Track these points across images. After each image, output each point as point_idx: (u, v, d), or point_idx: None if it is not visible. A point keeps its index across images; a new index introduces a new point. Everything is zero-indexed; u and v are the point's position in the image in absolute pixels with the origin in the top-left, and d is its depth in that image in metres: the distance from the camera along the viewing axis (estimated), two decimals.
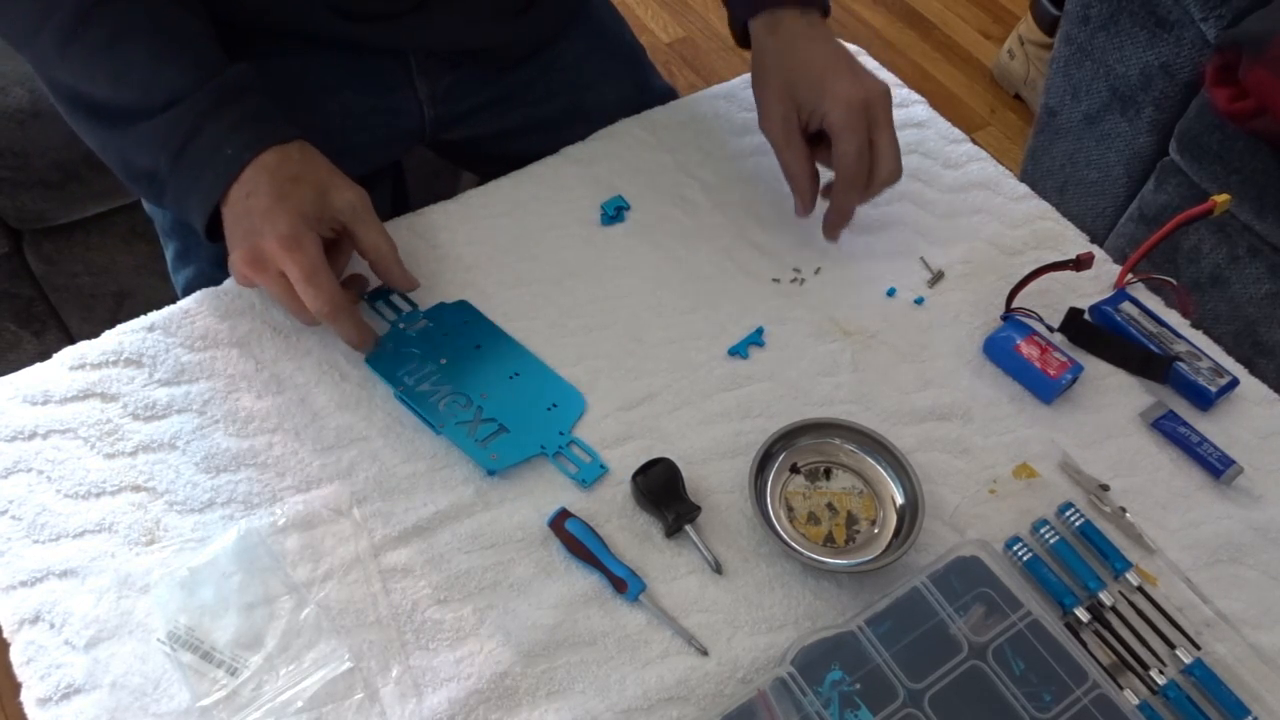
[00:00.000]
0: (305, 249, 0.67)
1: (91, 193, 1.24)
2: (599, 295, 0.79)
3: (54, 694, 0.59)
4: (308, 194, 0.69)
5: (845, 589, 0.66)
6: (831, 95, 0.76)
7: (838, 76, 0.77)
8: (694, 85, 2.11)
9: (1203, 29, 1.27)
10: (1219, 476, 0.71)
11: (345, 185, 0.71)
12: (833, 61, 0.78)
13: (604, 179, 0.87)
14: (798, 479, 0.69)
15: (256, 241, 0.67)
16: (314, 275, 0.67)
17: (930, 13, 2.33)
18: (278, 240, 0.67)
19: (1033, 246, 0.85)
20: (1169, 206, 1.38)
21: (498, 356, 0.75)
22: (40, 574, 0.63)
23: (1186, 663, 0.63)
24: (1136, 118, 1.41)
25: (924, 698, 0.58)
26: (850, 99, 0.76)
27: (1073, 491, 0.71)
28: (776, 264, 0.82)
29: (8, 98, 1.13)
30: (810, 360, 0.77)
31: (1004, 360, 0.76)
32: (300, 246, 0.67)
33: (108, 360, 0.72)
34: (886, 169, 0.78)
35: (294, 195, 0.68)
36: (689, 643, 0.63)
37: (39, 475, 0.67)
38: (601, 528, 0.67)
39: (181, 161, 0.70)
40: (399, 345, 0.74)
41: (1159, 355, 0.76)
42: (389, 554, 0.66)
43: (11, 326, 1.37)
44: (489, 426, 0.71)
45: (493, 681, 0.61)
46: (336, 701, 0.60)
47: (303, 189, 0.69)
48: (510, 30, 0.90)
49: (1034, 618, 0.61)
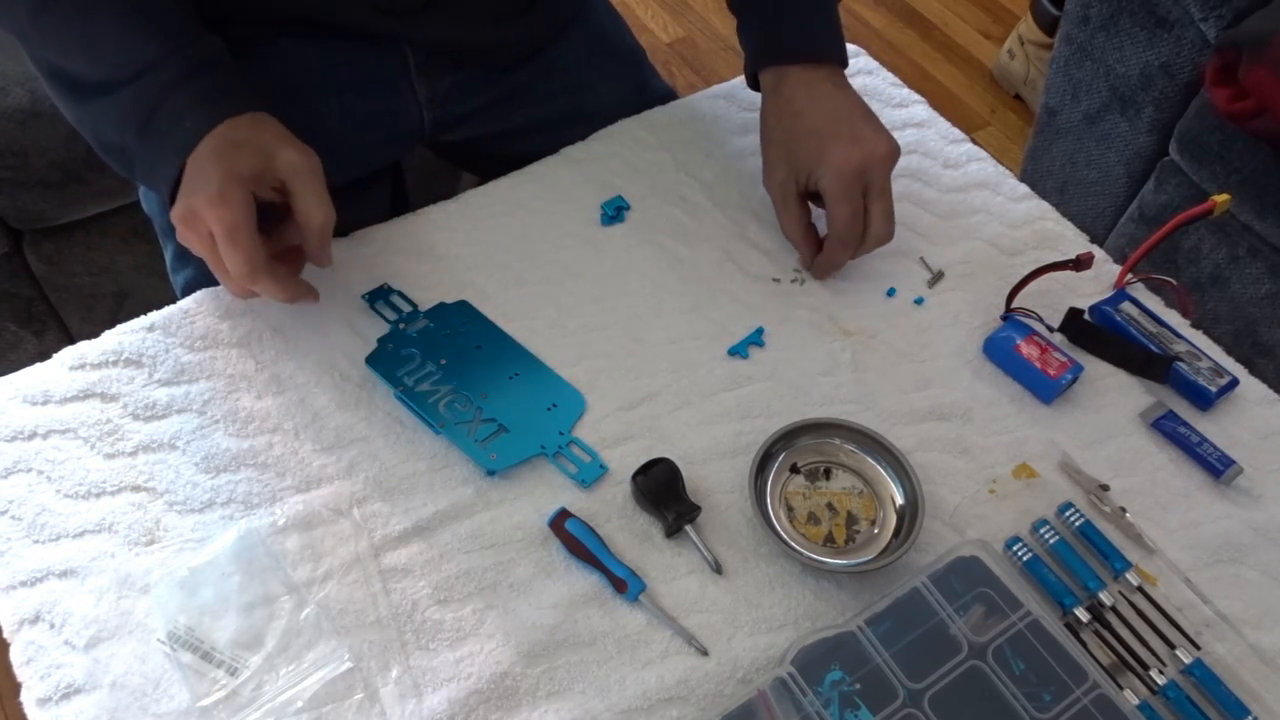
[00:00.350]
0: (230, 205, 0.65)
1: (91, 193, 1.24)
2: (599, 295, 0.79)
3: (54, 694, 0.59)
4: (247, 156, 0.67)
5: (845, 589, 0.66)
6: (826, 163, 0.76)
7: (835, 142, 0.76)
8: (694, 85, 2.11)
9: (1203, 29, 1.27)
10: (1219, 476, 0.71)
11: (292, 146, 0.69)
12: (832, 124, 0.77)
13: (604, 179, 0.87)
14: (798, 479, 0.69)
15: (189, 200, 0.66)
16: (233, 233, 0.65)
17: (930, 13, 2.33)
18: (206, 198, 0.65)
19: (1033, 246, 0.85)
20: (1169, 206, 1.38)
21: (498, 356, 0.75)
22: (40, 574, 0.63)
23: (1186, 663, 0.63)
24: (1136, 118, 1.41)
25: (924, 698, 0.58)
26: (843, 168, 0.76)
27: (1072, 491, 0.71)
28: (776, 264, 0.82)
29: (8, 98, 1.13)
30: (810, 360, 0.77)
31: (1004, 360, 0.76)
32: (225, 203, 0.65)
33: (108, 360, 0.72)
34: (876, 233, 0.78)
35: (231, 156, 0.67)
36: (689, 643, 0.63)
37: (39, 475, 0.67)
38: (601, 528, 0.67)
39: (147, 135, 0.69)
40: (399, 346, 0.74)
41: (1159, 355, 0.76)
42: (389, 554, 0.66)
43: (11, 326, 1.37)
44: (489, 427, 0.71)
45: (493, 681, 0.61)
46: (336, 701, 0.60)
47: (244, 151, 0.67)
48: (510, 30, 0.90)
49: (1034, 618, 0.61)
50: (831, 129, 0.77)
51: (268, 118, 0.70)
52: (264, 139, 0.69)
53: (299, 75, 0.83)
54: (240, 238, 0.65)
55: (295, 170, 0.68)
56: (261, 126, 0.69)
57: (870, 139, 0.77)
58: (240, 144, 0.68)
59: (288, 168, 0.68)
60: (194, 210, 0.66)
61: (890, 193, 0.78)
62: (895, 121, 0.93)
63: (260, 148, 0.68)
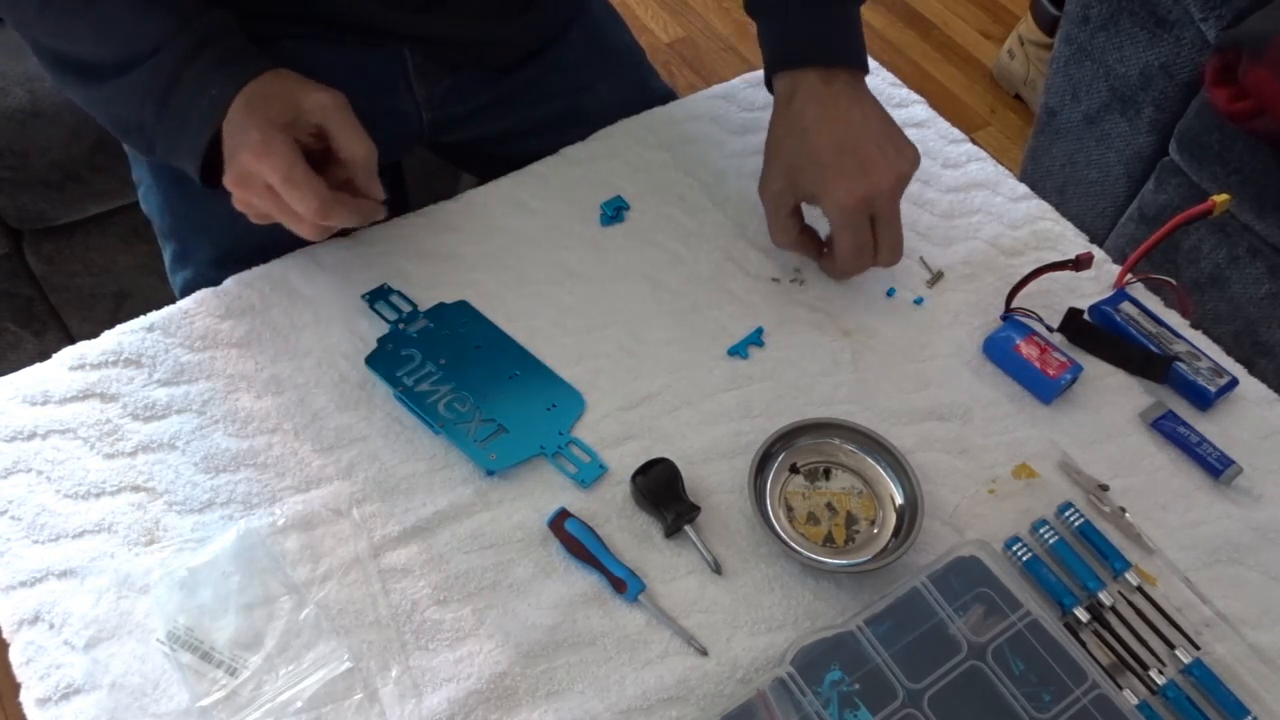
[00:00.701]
0: (276, 151, 0.65)
1: (91, 193, 1.24)
2: (599, 295, 0.79)
3: (54, 694, 0.59)
4: (277, 105, 0.68)
5: (845, 589, 0.66)
6: (830, 196, 0.74)
7: (839, 175, 0.74)
8: (694, 85, 2.11)
9: (1203, 29, 1.27)
10: (1218, 476, 0.71)
11: (316, 87, 0.69)
12: (837, 155, 0.74)
13: (604, 179, 0.87)
14: (797, 479, 0.69)
15: (236, 161, 0.66)
16: (290, 174, 0.65)
17: (930, 13, 2.33)
18: (252, 154, 0.65)
19: (1033, 247, 0.85)
20: (1169, 206, 1.38)
21: (497, 357, 0.75)
22: (40, 574, 0.63)
23: (1186, 663, 0.63)
24: (1136, 118, 1.41)
25: (923, 698, 0.58)
26: (846, 203, 0.73)
27: (1072, 491, 0.71)
28: (776, 264, 0.82)
29: (8, 98, 1.14)
30: (810, 360, 0.77)
31: (1003, 360, 0.76)
32: (272, 151, 0.65)
33: (107, 360, 0.72)
34: (885, 259, 0.77)
35: (262, 108, 0.67)
36: (688, 643, 0.63)
37: (39, 475, 0.67)
38: (601, 528, 0.67)
39: (166, 110, 0.69)
40: (399, 346, 0.74)
41: (1158, 355, 0.76)
42: (389, 554, 0.66)
43: (11, 326, 1.37)
44: (488, 427, 0.71)
45: (492, 681, 0.61)
46: (336, 701, 0.60)
47: (272, 102, 0.68)
48: (510, 29, 0.90)
49: (1033, 618, 0.61)
50: (836, 161, 0.74)
51: (285, 70, 0.70)
52: (289, 87, 0.69)
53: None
54: (298, 176, 0.65)
55: (327, 111, 0.68)
56: (283, 77, 0.70)
57: (879, 167, 0.74)
58: (268, 96, 0.68)
59: (319, 110, 0.68)
60: (244, 169, 0.66)
61: (898, 220, 0.76)
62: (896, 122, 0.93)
63: (287, 96, 0.68)
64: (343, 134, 0.69)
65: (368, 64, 0.86)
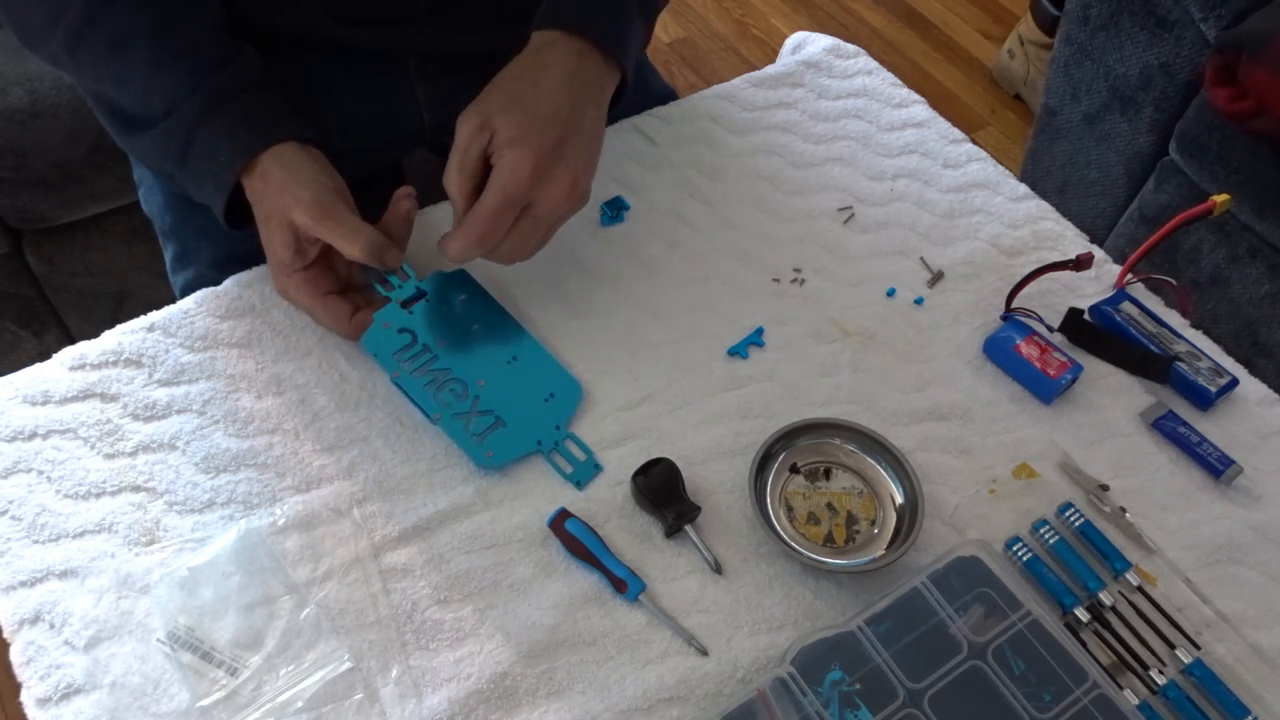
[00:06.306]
0: (295, 290, 0.71)
1: (91, 193, 1.24)
2: (598, 295, 0.79)
3: (54, 694, 0.59)
4: (276, 234, 0.70)
5: (845, 589, 0.66)
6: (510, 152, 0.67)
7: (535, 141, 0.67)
8: (694, 85, 2.11)
9: (1203, 29, 1.27)
10: (1219, 476, 0.71)
11: (293, 203, 0.68)
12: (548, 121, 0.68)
13: (604, 179, 0.87)
14: (798, 479, 0.69)
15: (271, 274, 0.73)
16: (312, 313, 0.73)
17: (930, 13, 2.33)
18: (276, 280, 0.72)
19: (1033, 247, 0.85)
20: (1169, 206, 1.38)
21: (495, 338, 0.74)
22: (40, 574, 0.63)
23: (1186, 663, 0.63)
24: (1136, 118, 1.41)
25: (924, 698, 0.58)
26: (520, 166, 0.66)
27: (1072, 491, 0.71)
28: (776, 264, 0.82)
29: (8, 98, 1.14)
30: (810, 360, 0.77)
31: (1004, 360, 0.76)
32: (289, 290, 0.72)
33: (107, 360, 0.72)
34: (504, 250, 0.70)
35: (267, 237, 0.71)
36: (689, 643, 0.63)
37: (39, 475, 0.67)
38: (601, 528, 0.67)
39: (185, 168, 0.72)
40: (395, 324, 0.73)
41: (1159, 355, 0.76)
42: (389, 554, 0.66)
43: (11, 326, 1.37)
44: (485, 419, 0.70)
45: (493, 682, 0.61)
46: (336, 702, 0.60)
47: (272, 229, 0.70)
48: (510, 35, 0.90)
49: (1034, 618, 0.61)
50: (539, 129, 0.68)
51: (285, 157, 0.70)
52: (281, 205, 0.69)
53: (298, 79, 0.83)
54: (319, 316, 0.73)
55: (311, 227, 0.68)
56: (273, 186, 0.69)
57: (570, 170, 0.68)
58: (267, 220, 0.70)
59: (305, 228, 0.69)
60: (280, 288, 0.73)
61: (545, 233, 0.70)
62: (895, 121, 0.93)
63: (281, 219, 0.69)
64: (335, 239, 0.68)
65: (369, 66, 0.86)
